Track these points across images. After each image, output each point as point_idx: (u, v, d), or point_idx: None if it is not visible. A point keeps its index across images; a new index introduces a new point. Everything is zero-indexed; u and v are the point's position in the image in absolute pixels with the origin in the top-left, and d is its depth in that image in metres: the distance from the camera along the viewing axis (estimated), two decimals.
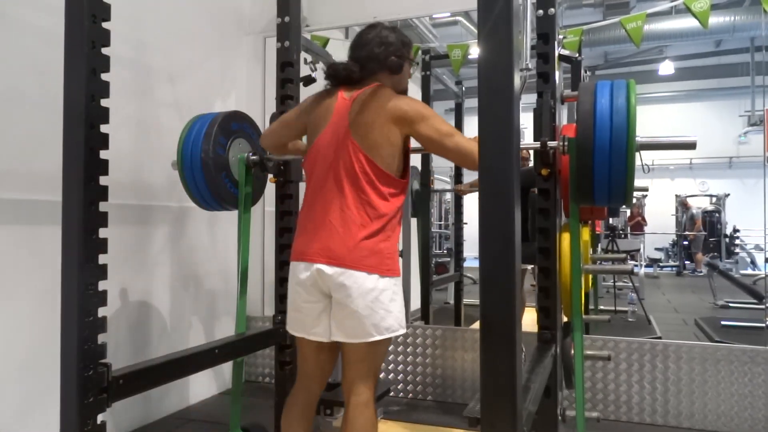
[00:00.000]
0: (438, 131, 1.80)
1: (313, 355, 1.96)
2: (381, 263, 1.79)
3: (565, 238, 2.23)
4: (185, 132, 2.43)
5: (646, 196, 11.13)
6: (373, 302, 1.76)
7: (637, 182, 1.94)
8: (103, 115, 1.65)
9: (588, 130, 1.85)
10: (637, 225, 11.21)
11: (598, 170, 1.86)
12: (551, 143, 2.08)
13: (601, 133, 1.83)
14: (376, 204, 1.79)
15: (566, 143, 2.01)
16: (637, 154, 1.87)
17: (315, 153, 1.89)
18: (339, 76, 1.87)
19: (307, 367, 1.98)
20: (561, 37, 2.87)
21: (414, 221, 4.53)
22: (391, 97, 1.82)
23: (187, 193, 2.48)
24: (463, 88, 5.23)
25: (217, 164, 2.39)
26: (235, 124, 2.51)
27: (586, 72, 4.54)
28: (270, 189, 2.70)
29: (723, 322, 5.52)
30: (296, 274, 1.88)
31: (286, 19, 2.58)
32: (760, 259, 10.15)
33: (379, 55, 1.89)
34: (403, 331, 1.85)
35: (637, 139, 1.84)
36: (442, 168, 6.49)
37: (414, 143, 1.92)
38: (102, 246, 1.63)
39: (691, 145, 1.89)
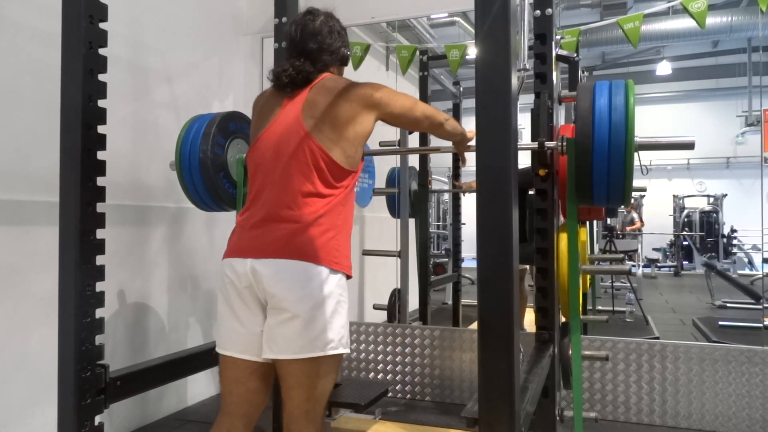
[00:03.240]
0: (404, 107, 1.72)
1: (240, 382, 1.64)
2: (329, 255, 1.57)
3: (563, 239, 2.24)
4: (183, 132, 2.43)
5: (644, 196, 11.15)
6: (315, 306, 1.53)
7: (635, 182, 1.94)
8: (101, 116, 1.65)
9: (587, 130, 1.85)
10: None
11: (597, 170, 1.87)
12: (549, 143, 2.08)
13: (600, 133, 1.84)
14: (326, 194, 1.61)
15: (564, 143, 2.01)
16: (635, 154, 1.87)
17: (259, 150, 1.70)
18: (296, 82, 1.67)
19: (232, 400, 1.65)
20: (558, 37, 2.87)
21: (412, 222, 4.53)
22: (355, 84, 1.68)
23: (185, 194, 2.47)
24: (461, 89, 5.22)
25: (215, 164, 2.39)
26: (234, 124, 2.50)
27: (583, 72, 4.55)
28: None
29: (721, 323, 5.52)
30: (227, 274, 1.63)
31: (284, 19, 2.58)
32: (757, 259, 10.16)
33: (332, 45, 1.75)
34: (343, 351, 1.60)
35: (635, 139, 1.84)
36: (440, 168, 6.49)
37: None
38: (99, 247, 1.63)
39: (689, 145, 1.89)
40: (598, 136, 1.84)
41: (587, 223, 3.21)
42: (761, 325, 4.33)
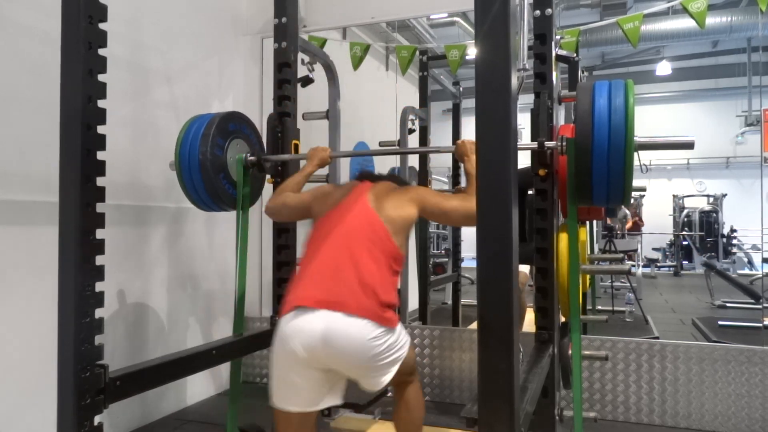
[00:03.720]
0: (437, 203, 1.99)
1: (297, 424, 1.86)
2: (393, 317, 1.82)
3: (563, 239, 2.23)
4: (182, 133, 2.43)
5: (644, 196, 11.14)
6: (383, 360, 1.77)
7: (635, 182, 1.94)
8: (100, 116, 1.64)
9: (587, 130, 1.85)
10: (635, 225, 11.20)
11: (597, 170, 1.86)
12: (549, 143, 2.08)
13: (599, 133, 1.84)
14: (382, 261, 1.85)
15: (564, 143, 2.01)
16: (635, 154, 1.87)
17: (327, 222, 1.96)
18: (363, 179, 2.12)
19: None
20: (558, 37, 2.87)
21: None
22: (405, 185, 2.15)
23: (186, 195, 2.47)
24: (461, 89, 5.22)
25: (215, 166, 2.38)
26: (233, 124, 2.50)
27: (583, 72, 4.54)
28: (267, 190, 2.70)
29: (720, 322, 5.52)
30: (295, 325, 1.74)
31: (284, 19, 2.58)
32: (757, 259, 10.15)
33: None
34: (406, 347, 1.90)
35: (635, 139, 1.84)
36: (439, 168, 6.49)
37: None
38: (99, 247, 1.63)
39: (689, 145, 1.89)
40: (598, 136, 1.84)
41: (587, 222, 3.22)
42: (761, 324, 4.33)
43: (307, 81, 2.84)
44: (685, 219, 11.61)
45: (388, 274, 1.85)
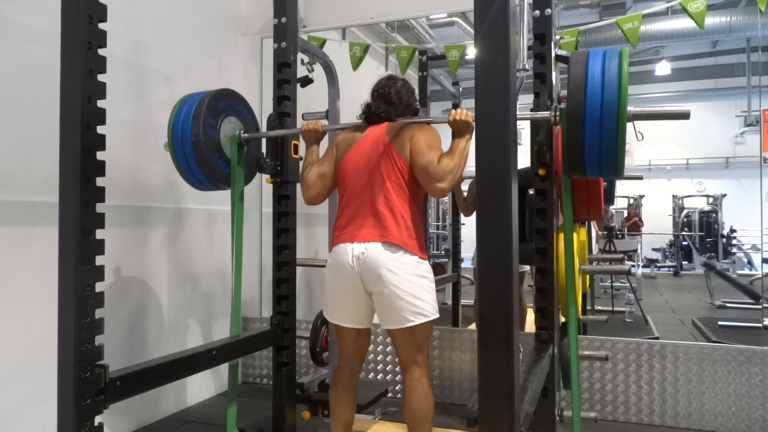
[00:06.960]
0: (426, 151, 2.10)
1: (352, 340, 2.20)
2: (421, 248, 2.07)
3: (562, 239, 2.23)
4: (173, 116, 2.39)
5: (643, 196, 11.15)
6: (409, 284, 1.99)
7: (634, 182, 1.93)
8: (100, 116, 1.65)
9: (579, 97, 1.83)
10: (634, 225, 11.21)
11: (589, 137, 1.83)
12: (542, 113, 2.06)
13: (591, 99, 1.81)
14: (404, 192, 2.08)
15: (558, 113, 2.00)
16: (630, 125, 1.85)
17: (349, 163, 2.17)
18: (381, 117, 2.21)
19: (348, 351, 2.22)
20: (558, 37, 2.87)
21: None
22: (415, 125, 2.19)
23: (180, 174, 2.44)
24: (461, 89, 5.22)
25: (209, 146, 2.35)
26: (223, 102, 2.46)
27: None
28: (267, 190, 2.70)
29: (720, 323, 5.52)
30: (341, 256, 2.07)
31: (283, 20, 2.58)
32: (756, 259, 10.15)
33: (408, 101, 2.29)
34: (433, 317, 2.05)
35: (629, 109, 1.82)
36: None
37: None
38: (99, 247, 1.63)
39: (684, 115, 1.86)
40: (590, 101, 1.80)
41: (586, 223, 3.21)
42: (761, 325, 4.34)
43: (306, 81, 2.84)
44: (685, 219, 11.62)
45: (413, 204, 2.10)
